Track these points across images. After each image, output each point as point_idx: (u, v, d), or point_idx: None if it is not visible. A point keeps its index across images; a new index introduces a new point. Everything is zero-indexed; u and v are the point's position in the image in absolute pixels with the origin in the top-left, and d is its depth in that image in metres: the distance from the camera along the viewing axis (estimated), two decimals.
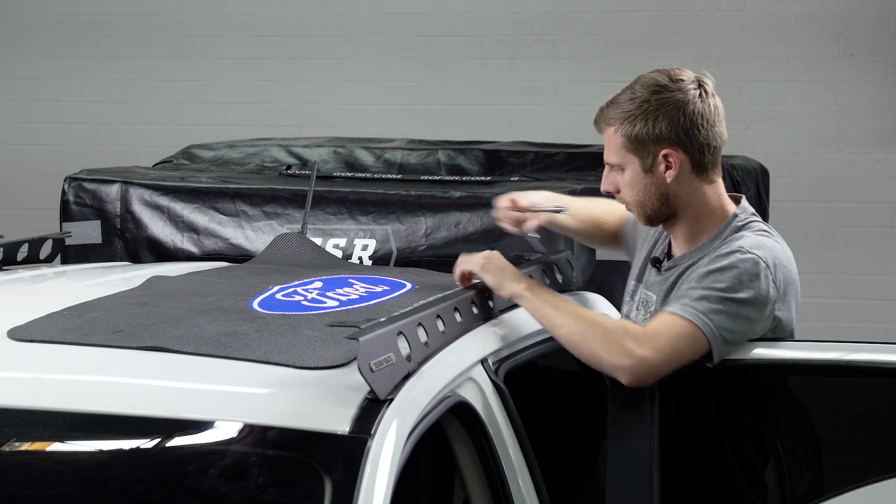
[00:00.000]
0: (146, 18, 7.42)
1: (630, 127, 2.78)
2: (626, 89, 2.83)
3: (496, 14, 7.06)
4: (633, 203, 2.83)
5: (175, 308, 2.67)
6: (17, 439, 2.21)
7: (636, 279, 2.97)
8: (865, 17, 6.73)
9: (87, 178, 3.95)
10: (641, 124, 2.77)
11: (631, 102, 2.79)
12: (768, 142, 6.75)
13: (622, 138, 2.79)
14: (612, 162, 2.83)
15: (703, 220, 2.83)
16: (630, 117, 2.78)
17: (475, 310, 2.68)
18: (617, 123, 2.79)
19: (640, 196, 2.81)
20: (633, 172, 2.81)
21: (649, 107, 2.77)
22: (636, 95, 2.80)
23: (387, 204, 3.78)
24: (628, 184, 2.82)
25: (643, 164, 2.79)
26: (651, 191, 2.80)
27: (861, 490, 2.58)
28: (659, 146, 2.78)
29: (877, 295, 6.74)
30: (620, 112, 2.79)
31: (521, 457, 2.55)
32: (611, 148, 2.82)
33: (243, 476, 2.14)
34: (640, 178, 2.80)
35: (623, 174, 2.82)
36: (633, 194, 2.82)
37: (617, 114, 2.80)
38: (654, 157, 2.78)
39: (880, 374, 2.65)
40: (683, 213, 2.83)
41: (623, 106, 2.79)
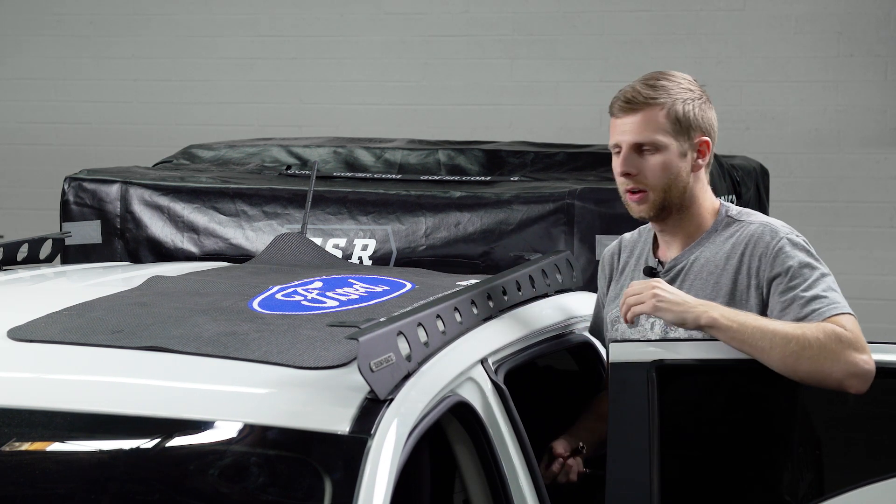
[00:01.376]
0: (146, 18, 7.43)
1: (681, 108, 2.79)
2: (658, 76, 2.83)
3: (496, 14, 7.06)
4: (657, 187, 2.79)
5: (175, 308, 2.67)
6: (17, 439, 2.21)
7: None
8: (865, 17, 6.73)
9: (87, 178, 3.95)
10: (692, 108, 2.81)
11: (674, 87, 2.81)
12: (768, 142, 6.75)
13: (667, 119, 2.79)
14: (647, 140, 2.79)
15: (703, 216, 2.86)
16: (679, 99, 2.80)
17: (475, 310, 2.68)
18: (663, 102, 2.79)
19: (668, 181, 2.80)
20: (668, 155, 2.80)
21: (694, 95, 2.82)
22: (676, 82, 2.82)
23: (387, 204, 3.78)
24: (660, 166, 2.79)
25: (680, 149, 2.80)
26: (680, 177, 2.81)
27: (861, 490, 2.58)
28: (698, 133, 2.82)
29: (877, 295, 6.75)
30: (666, 93, 2.79)
31: (521, 457, 2.55)
32: (649, 128, 2.78)
33: (243, 476, 2.14)
34: (675, 163, 2.80)
35: (655, 155, 2.79)
36: (661, 178, 2.79)
37: (662, 94, 2.79)
38: (691, 144, 2.81)
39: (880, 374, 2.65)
40: (689, 208, 2.84)
41: (667, 88, 2.80)
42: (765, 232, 2.78)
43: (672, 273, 2.85)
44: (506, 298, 2.86)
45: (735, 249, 2.79)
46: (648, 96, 2.79)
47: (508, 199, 3.70)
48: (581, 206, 3.62)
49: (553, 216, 3.64)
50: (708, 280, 2.79)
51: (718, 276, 2.78)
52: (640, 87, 2.81)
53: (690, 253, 2.84)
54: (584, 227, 3.61)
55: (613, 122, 2.84)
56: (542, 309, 3.03)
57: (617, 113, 2.83)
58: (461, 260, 3.66)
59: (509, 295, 2.88)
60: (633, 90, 2.81)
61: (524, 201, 3.68)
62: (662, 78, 2.83)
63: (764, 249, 2.75)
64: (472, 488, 2.48)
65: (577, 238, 3.61)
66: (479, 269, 3.63)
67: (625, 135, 2.81)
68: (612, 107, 2.84)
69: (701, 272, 2.81)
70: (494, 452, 2.47)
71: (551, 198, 3.67)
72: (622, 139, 2.81)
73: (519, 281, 2.97)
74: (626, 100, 2.81)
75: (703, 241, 2.84)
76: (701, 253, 2.82)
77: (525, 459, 2.56)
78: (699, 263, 2.82)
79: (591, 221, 3.60)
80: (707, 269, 2.80)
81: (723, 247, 2.81)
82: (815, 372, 2.59)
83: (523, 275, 3.02)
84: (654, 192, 2.81)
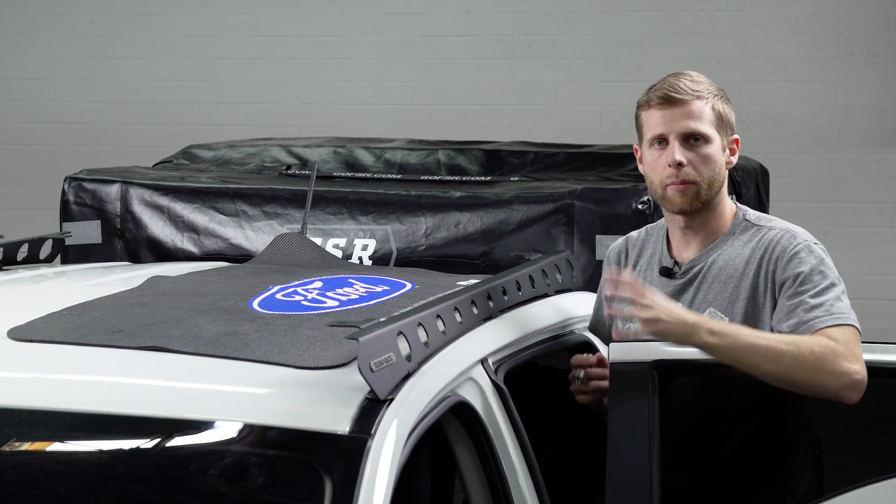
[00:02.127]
0: (146, 18, 7.42)
1: (721, 105, 2.84)
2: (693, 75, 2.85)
3: (496, 14, 7.06)
4: (705, 179, 2.80)
5: (175, 308, 2.67)
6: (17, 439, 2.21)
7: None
8: (865, 17, 6.73)
9: (87, 178, 3.95)
10: (727, 107, 2.86)
11: (711, 85, 2.85)
12: (768, 142, 6.75)
13: (714, 112, 2.82)
14: (701, 131, 2.80)
15: (724, 216, 2.87)
16: (720, 96, 2.85)
17: (475, 310, 2.68)
18: (710, 97, 2.82)
19: (715, 173, 2.82)
20: (716, 148, 2.83)
21: (725, 95, 2.88)
22: (710, 82, 2.85)
23: (387, 204, 3.78)
24: (710, 157, 2.81)
25: (722, 144, 2.84)
26: (721, 171, 2.84)
27: (861, 490, 2.58)
28: (732, 130, 2.88)
29: (877, 295, 6.74)
30: (707, 89, 2.83)
31: (521, 457, 2.55)
32: (700, 119, 2.80)
33: (243, 476, 2.14)
34: (720, 157, 2.83)
35: (706, 146, 2.81)
36: (709, 170, 2.81)
37: (710, 89, 2.83)
38: (727, 140, 2.86)
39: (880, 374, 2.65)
40: (716, 207, 2.85)
41: (707, 85, 2.84)
42: (784, 237, 2.79)
43: (690, 274, 2.84)
44: (506, 298, 2.86)
45: (755, 254, 2.79)
46: (694, 90, 2.81)
47: (508, 199, 3.70)
48: (581, 206, 3.62)
49: (553, 216, 3.64)
50: (727, 283, 2.79)
51: (739, 281, 2.79)
52: (682, 80, 2.82)
53: (708, 255, 2.84)
54: (584, 227, 3.61)
55: (650, 114, 2.82)
56: (542, 309, 3.03)
57: (658, 104, 2.81)
58: (461, 260, 3.66)
59: (509, 295, 2.88)
60: (674, 83, 2.81)
61: (524, 201, 3.68)
62: (696, 75, 2.86)
63: (781, 253, 2.76)
64: (472, 488, 2.48)
65: (577, 238, 3.61)
66: (479, 269, 3.63)
67: (673, 124, 2.80)
68: (651, 99, 2.82)
69: (720, 275, 2.81)
70: (494, 452, 2.47)
71: (551, 198, 3.67)
72: (670, 129, 2.80)
73: (519, 281, 2.97)
74: (674, 90, 2.80)
75: (721, 244, 2.84)
76: (719, 256, 2.82)
77: (525, 459, 2.56)
78: (717, 266, 2.82)
79: (591, 221, 3.60)
80: (726, 273, 2.80)
81: (742, 251, 2.81)
82: (811, 385, 2.60)
83: (523, 275, 3.02)
84: (700, 184, 2.81)
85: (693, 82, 2.83)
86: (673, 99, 2.80)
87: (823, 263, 2.75)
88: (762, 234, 2.81)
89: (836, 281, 2.74)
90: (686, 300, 2.83)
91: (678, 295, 2.84)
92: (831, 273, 2.75)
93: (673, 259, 2.90)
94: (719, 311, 2.78)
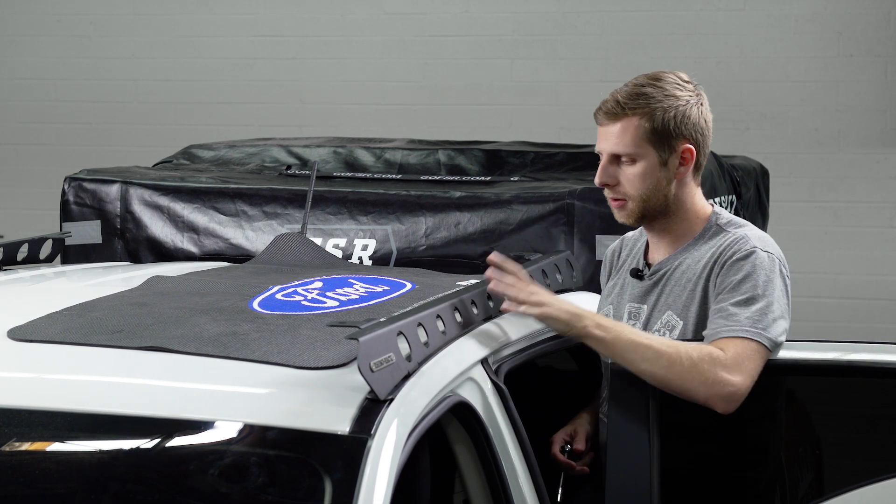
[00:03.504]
0: (146, 18, 7.43)
1: (659, 116, 2.76)
2: (643, 82, 2.79)
3: (496, 14, 7.06)
4: (636, 197, 2.79)
5: (175, 308, 2.67)
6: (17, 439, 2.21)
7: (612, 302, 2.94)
8: (865, 17, 6.73)
9: (87, 178, 3.95)
10: (672, 115, 2.77)
11: (656, 94, 2.77)
12: (768, 142, 6.75)
13: (644, 128, 2.76)
14: (623, 152, 2.78)
15: (690, 221, 2.84)
16: (658, 108, 2.76)
17: (475, 310, 2.68)
18: (641, 112, 2.76)
19: (648, 190, 2.78)
20: (647, 165, 2.78)
21: (677, 101, 2.77)
22: (660, 88, 2.77)
23: (387, 204, 3.78)
24: (638, 175, 2.78)
25: (660, 158, 2.78)
26: (661, 186, 2.79)
27: (861, 490, 2.58)
28: (680, 141, 2.78)
29: (877, 295, 6.74)
30: (645, 101, 2.76)
31: (521, 457, 2.55)
32: (625, 138, 2.77)
33: (243, 476, 2.13)
34: (654, 172, 2.78)
35: (633, 166, 2.78)
36: (640, 187, 2.78)
37: (641, 103, 2.76)
38: (672, 151, 2.78)
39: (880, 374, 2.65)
40: (675, 213, 2.83)
41: (648, 96, 2.76)
42: (737, 242, 2.75)
43: (655, 277, 2.85)
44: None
45: (711, 258, 2.77)
46: (627, 105, 2.77)
47: (508, 199, 3.70)
48: (581, 206, 3.62)
49: (553, 216, 3.64)
50: (686, 287, 2.79)
51: (695, 284, 2.78)
52: (622, 95, 2.79)
53: (675, 259, 2.84)
54: (584, 227, 3.61)
55: (598, 129, 2.84)
56: None
57: (600, 121, 2.82)
58: (461, 260, 3.66)
59: None
60: (613, 99, 2.79)
61: (524, 201, 3.68)
62: (648, 84, 2.79)
63: (729, 257, 2.74)
64: (472, 488, 2.48)
65: (577, 238, 3.61)
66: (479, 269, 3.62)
67: (603, 144, 2.81)
68: (596, 115, 2.83)
69: (681, 279, 2.81)
70: (494, 452, 2.46)
71: (551, 198, 3.67)
72: (602, 148, 2.82)
73: None
74: (605, 108, 2.80)
75: (689, 248, 2.83)
76: (684, 260, 2.82)
77: (525, 459, 2.56)
78: (680, 270, 2.81)
79: (591, 221, 3.60)
80: (686, 276, 2.80)
81: (704, 255, 2.79)
82: (682, 389, 2.61)
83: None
84: (632, 201, 2.80)
85: (631, 97, 2.78)
86: (606, 116, 2.80)
87: (762, 274, 2.70)
88: (722, 238, 2.79)
89: (765, 294, 2.68)
90: (650, 302, 2.84)
91: (644, 296, 2.85)
92: (765, 286, 2.69)
93: (646, 261, 2.90)
94: (675, 314, 2.78)
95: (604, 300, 2.98)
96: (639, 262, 2.91)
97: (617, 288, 2.95)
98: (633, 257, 2.96)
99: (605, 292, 2.99)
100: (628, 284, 2.91)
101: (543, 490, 2.58)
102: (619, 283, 2.94)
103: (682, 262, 2.82)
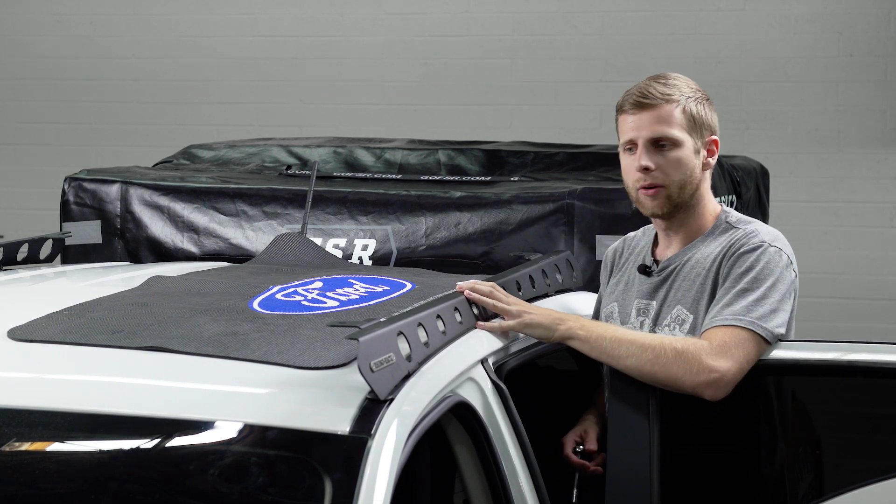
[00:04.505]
0: (146, 18, 7.43)
1: (695, 107, 2.84)
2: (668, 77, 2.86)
3: (496, 14, 7.06)
4: (674, 182, 2.82)
5: (175, 308, 2.67)
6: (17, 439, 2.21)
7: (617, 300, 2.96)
8: (865, 17, 6.73)
9: (87, 178, 3.95)
10: (703, 108, 2.86)
11: (687, 87, 2.85)
12: (768, 142, 6.75)
13: (685, 115, 2.82)
14: (668, 136, 2.81)
15: (705, 217, 2.88)
16: (694, 98, 2.84)
17: (475, 310, 2.68)
18: (676, 101, 2.82)
19: (686, 176, 2.83)
20: (685, 150, 2.83)
21: (704, 96, 2.88)
22: (688, 83, 2.86)
23: (387, 204, 3.78)
24: (679, 160, 2.82)
25: (694, 146, 2.84)
26: (695, 174, 2.84)
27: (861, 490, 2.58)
28: (710, 132, 2.87)
29: (877, 295, 6.74)
30: (679, 92, 2.83)
31: (521, 457, 2.55)
32: (669, 123, 2.81)
33: (243, 476, 2.13)
34: (691, 158, 2.84)
35: (673, 150, 2.82)
36: (680, 174, 2.82)
37: (675, 93, 2.83)
38: (703, 142, 2.86)
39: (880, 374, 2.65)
40: (694, 207, 2.86)
41: (679, 88, 2.84)
42: (746, 235, 2.80)
43: (664, 273, 2.86)
44: None
45: (721, 251, 2.80)
46: (664, 93, 2.82)
47: (508, 199, 3.70)
48: (581, 206, 3.62)
49: (553, 216, 3.64)
50: (695, 282, 2.81)
51: (704, 278, 2.80)
52: (653, 84, 2.84)
53: (685, 254, 2.86)
54: (584, 227, 3.61)
55: (624, 119, 2.85)
56: None
57: (630, 109, 2.84)
58: (461, 260, 3.66)
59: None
60: (645, 88, 2.84)
61: (524, 201, 3.68)
62: (671, 78, 2.86)
63: (737, 249, 2.77)
64: (472, 488, 2.48)
65: (577, 238, 3.61)
66: (479, 269, 3.63)
67: (642, 130, 2.82)
68: (624, 104, 2.85)
69: (689, 274, 2.82)
70: (494, 452, 2.46)
71: (551, 198, 3.67)
72: (638, 135, 2.83)
73: (519, 281, 2.97)
74: (641, 95, 2.83)
75: (699, 244, 2.86)
76: (693, 255, 2.85)
77: (525, 459, 2.56)
78: (689, 265, 2.84)
79: (591, 221, 3.60)
80: (695, 271, 2.82)
81: (714, 250, 2.82)
82: (669, 379, 2.62)
83: (523, 275, 3.02)
84: (670, 187, 2.82)
85: (665, 86, 2.84)
86: (642, 104, 2.82)
87: (766, 267, 2.73)
88: (732, 234, 2.83)
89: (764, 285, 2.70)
90: (659, 298, 2.85)
91: (653, 292, 2.86)
92: (766, 278, 2.72)
93: (654, 258, 2.91)
94: (685, 308, 2.79)
95: (606, 298, 2.99)
96: (646, 258, 2.92)
97: (621, 285, 2.95)
98: (639, 255, 2.96)
99: (608, 290, 3.00)
100: (635, 281, 2.92)
101: (543, 490, 2.58)
102: (624, 281, 2.95)
103: (691, 257, 2.85)
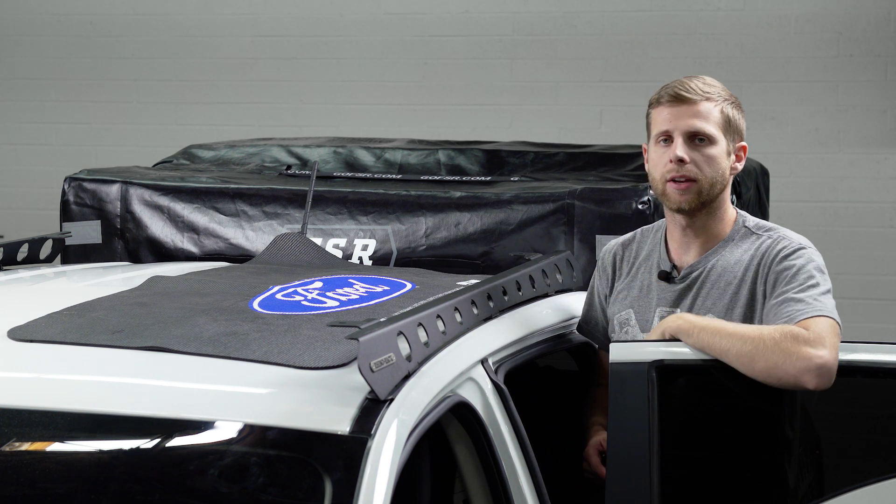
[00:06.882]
0: (146, 18, 7.43)
1: (731, 110, 2.88)
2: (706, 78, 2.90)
3: (496, 14, 7.07)
4: (706, 178, 2.84)
5: (175, 308, 2.67)
6: (17, 439, 2.21)
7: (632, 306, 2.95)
8: (865, 17, 6.73)
9: (87, 178, 3.95)
10: (737, 113, 2.91)
11: (724, 90, 2.90)
12: (768, 142, 6.75)
13: (722, 115, 2.86)
14: (705, 131, 2.84)
15: (724, 222, 2.90)
16: (730, 101, 2.89)
17: (475, 310, 2.68)
18: (720, 100, 2.86)
19: (717, 175, 2.85)
20: (720, 149, 2.86)
21: (738, 102, 2.93)
22: (723, 87, 2.90)
23: (387, 204, 3.77)
24: (713, 158, 2.85)
25: (727, 148, 2.88)
26: (725, 174, 2.87)
27: (861, 490, 2.58)
28: (740, 138, 2.91)
29: (877, 295, 6.75)
30: (718, 93, 2.87)
31: (521, 457, 2.55)
32: (707, 119, 2.84)
33: (243, 476, 2.13)
34: (723, 159, 2.87)
35: (709, 147, 2.84)
36: (713, 170, 2.84)
37: (715, 94, 2.86)
38: (734, 146, 2.89)
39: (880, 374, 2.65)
40: (716, 211, 2.89)
41: (719, 90, 2.88)
42: (779, 242, 2.84)
43: (689, 279, 2.87)
44: (506, 298, 2.86)
45: (753, 261, 2.83)
46: (703, 91, 2.86)
47: (508, 199, 3.70)
48: (581, 206, 3.62)
49: (553, 216, 3.64)
50: (726, 290, 2.83)
51: (737, 287, 2.82)
52: (693, 81, 2.88)
53: (707, 260, 2.86)
54: (584, 227, 3.61)
55: (660, 112, 2.87)
56: (543, 309, 3.03)
57: (668, 102, 2.86)
58: (461, 260, 3.66)
59: (509, 295, 2.88)
60: (687, 83, 2.87)
61: (524, 201, 3.68)
62: (708, 79, 2.90)
63: (775, 255, 2.81)
64: (472, 488, 2.48)
65: (577, 238, 3.61)
66: (479, 269, 3.62)
67: (679, 122, 2.84)
68: (661, 97, 2.87)
69: (718, 281, 2.83)
70: (494, 452, 2.47)
71: (551, 198, 3.67)
72: (676, 126, 2.85)
73: (519, 281, 2.97)
74: (683, 89, 2.86)
75: (720, 250, 2.87)
76: (717, 261, 2.86)
77: (525, 459, 2.56)
78: (716, 272, 2.84)
79: (591, 221, 3.60)
80: (725, 279, 2.83)
81: (742, 258, 2.84)
82: (771, 369, 2.61)
83: (523, 275, 3.02)
84: (701, 182, 2.84)
85: (705, 84, 2.87)
86: (682, 97, 2.84)
87: (812, 264, 2.79)
88: (761, 242, 2.86)
89: (821, 281, 2.77)
90: (685, 305, 2.85)
91: (678, 300, 2.86)
92: (818, 274, 2.78)
93: (672, 263, 2.91)
94: (717, 316, 2.79)
95: (616, 304, 2.98)
96: (663, 263, 2.92)
97: (634, 291, 2.95)
98: (647, 259, 2.96)
99: (616, 296, 2.99)
100: (653, 287, 2.92)
101: (543, 490, 2.58)
102: (637, 286, 2.94)
103: (714, 264, 2.86)
